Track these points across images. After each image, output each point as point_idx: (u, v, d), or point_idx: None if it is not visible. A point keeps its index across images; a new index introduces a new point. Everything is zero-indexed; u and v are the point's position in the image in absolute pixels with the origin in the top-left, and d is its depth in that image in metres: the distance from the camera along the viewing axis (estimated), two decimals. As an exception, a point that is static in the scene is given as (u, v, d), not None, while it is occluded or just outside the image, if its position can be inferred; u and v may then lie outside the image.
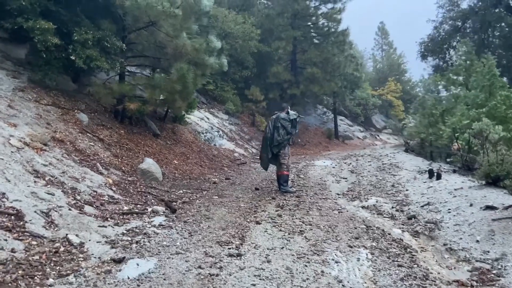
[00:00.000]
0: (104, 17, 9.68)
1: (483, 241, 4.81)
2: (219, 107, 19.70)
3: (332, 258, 4.36)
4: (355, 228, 5.63)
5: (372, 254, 4.56)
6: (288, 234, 5.22)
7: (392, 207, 6.93)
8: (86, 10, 9.58)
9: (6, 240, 3.89)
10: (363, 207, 7.05)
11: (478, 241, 4.84)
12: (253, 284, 3.64)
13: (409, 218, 6.21)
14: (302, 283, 3.72)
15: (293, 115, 8.27)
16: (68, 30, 8.92)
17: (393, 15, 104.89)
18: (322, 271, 4.00)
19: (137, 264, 3.97)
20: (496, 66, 11.17)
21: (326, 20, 23.39)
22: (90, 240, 4.53)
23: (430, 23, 22.79)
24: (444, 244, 5.04)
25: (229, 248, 4.58)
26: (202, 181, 9.35)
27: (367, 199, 7.61)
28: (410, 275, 4.00)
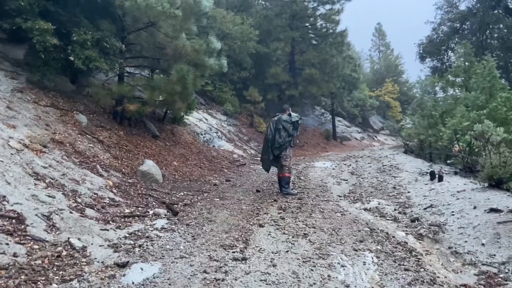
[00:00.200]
0: (103, 17, 9.62)
1: (489, 244, 4.77)
2: (218, 108, 19.65)
3: (338, 262, 4.32)
4: (359, 231, 5.59)
5: (378, 258, 4.52)
6: (292, 237, 5.17)
7: (395, 210, 6.89)
8: (85, 10, 9.52)
9: (7, 244, 3.82)
10: (365, 209, 7.02)
11: (483, 244, 4.81)
12: (259, 289, 3.60)
13: (412, 221, 6.17)
14: (309, 288, 3.68)
15: (295, 117, 8.23)
16: (67, 31, 8.84)
17: (390, 16, 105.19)
18: (328, 276, 3.95)
19: (141, 268, 3.91)
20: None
21: (324, 21, 23.40)
22: (92, 244, 4.46)
23: (427, 24, 22.84)
24: (449, 247, 5.00)
25: (233, 251, 4.53)
26: (203, 183, 9.29)
27: (369, 201, 7.57)
28: (417, 279, 3.96)
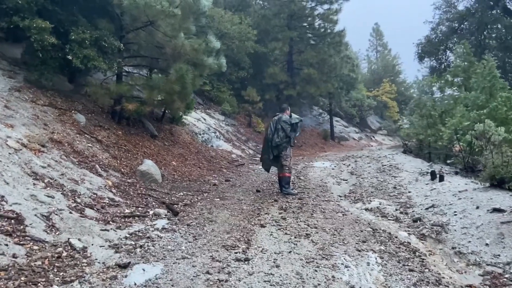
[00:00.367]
0: (102, 16, 9.54)
1: (493, 244, 4.74)
2: (216, 108, 19.58)
3: (342, 263, 4.27)
4: (361, 231, 5.54)
5: (382, 258, 4.47)
6: (294, 237, 5.13)
7: (396, 210, 6.85)
8: (83, 9, 9.44)
9: (7, 245, 3.76)
10: (366, 210, 6.98)
11: (487, 244, 4.77)
12: (264, 290, 3.55)
13: (414, 221, 6.13)
14: (314, 289, 3.63)
15: (295, 119, 8.18)
16: (65, 30, 8.77)
17: (387, 16, 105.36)
18: (333, 276, 3.91)
19: (143, 269, 3.85)
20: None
21: (322, 21, 23.34)
22: (93, 244, 4.40)
23: (425, 24, 22.82)
24: (453, 247, 4.97)
25: (235, 252, 4.48)
26: (202, 183, 9.23)
27: (370, 201, 7.53)
28: (422, 280, 3.92)
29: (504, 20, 18.51)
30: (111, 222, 5.30)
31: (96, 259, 4.06)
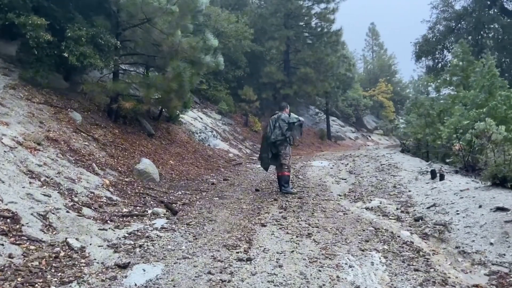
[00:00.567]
0: (98, 13, 9.42)
1: (498, 243, 4.66)
2: (212, 107, 19.49)
3: (345, 263, 4.18)
4: (363, 230, 5.47)
5: (386, 258, 4.39)
6: (296, 237, 5.04)
7: (397, 209, 6.77)
8: (79, 6, 9.33)
9: (2, 244, 3.65)
10: (367, 209, 6.90)
11: (492, 243, 4.70)
12: (268, 291, 3.46)
13: (416, 220, 6.06)
14: (319, 289, 3.55)
15: (293, 118, 8.08)
16: (60, 27, 8.66)
17: (383, 16, 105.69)
18: (337, 276, 3.82)
19: (143, 269, 3.75)
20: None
21: (319, 20, 23.34)
22: (91, 244, 4.30)
23: (422, 24, 22.77)
24: (456, 246, 4.89)
25: (237, 252, 4.38)
26: (200, 182, 9.13)
27: (370, 200, 7.45)
28: (428, 280, 3.84)
29: (501, 20, 18.53)
30: (109, 222, 5.19)
31: (95, 259, 3.96)
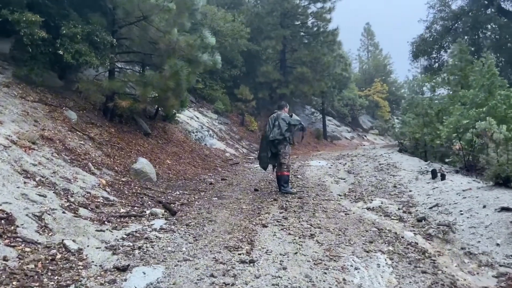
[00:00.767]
0: (93, 10, 9.26)
1: (504, 244, 4.57)
2: (208, 106, 19.34)
3: (351, 264, 4.08)
4: (366, 231, 5.36)
5: (392, 260, 4.29)
6: (299, 238, 4.92)
7: (399, 209, 6.67)
8: (74, 3, 9.18)
9: (-4, 247, 3.52)
10: (368, 209, 6.79)
11: (498, 244, 4.61)
12: (273, 294, 3.35)
13: (418, 220, 5.96)
14: (326, 292, 3.44)
15: (294, 120, 7.96)
16: (55, 24, 8.50)
17: (377, 16, 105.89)
18: (344, 279, 3.71)
19: (143, 272, 3.62)
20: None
21: (315, 20, 23.19)
22: (88, 246, 4.16)
23: (417, 23, 22.88)
24: (462, 247, 4.79)
25: (239, 253, 4.26)
26: (198, 181, 9.00)
27: (371, 200, 7.35)
28: (437, 282, 3.74)
29: (498, 20, 18.52)
30: (106, 222, 5.05)
31: (93, 262, 3.83)
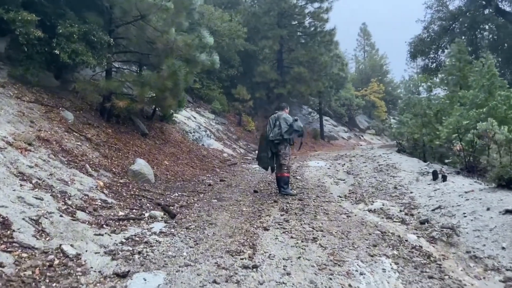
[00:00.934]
0: (90, 9, 9.13)
1: (510, 248, 4.50)
2: (205, 106, 19.23)
3: (356, 270, 3.99)
4: (369, 234, 5.29)
5: (397, 264, 4.21)
6: (301, 241, 4.83)
7: (400, 211, 6.60)
8: (70, 2, 9.05)
9: (-8, 253, 3.40)
10: (370, 211, 6.72)
11: (504, 248, 4.55)
12: (278, 301, 3.26)
13: (421, 223, 5.89)
14: (332, 299, 3.35)
15: (297, 126, 7.87)
16: (51, 23, 8.37)
17: (373, 16, 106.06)
18: (349, 285, 3.63)
19: (144, 279, 3.52)
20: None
21: (312, 19, 23.14)
22: (87, 250, 4.05)
23: (415, 24, 22.91)
24: (467, 251, 4.72)
25: (241, 258, 4.16)
26: (196, 183, 8.89)
27: (372, 202, 7.28)
28: None
29: (496, 20, 18.52)
30: (105, 226, 4.94)
31: (92, 268, 3.72)
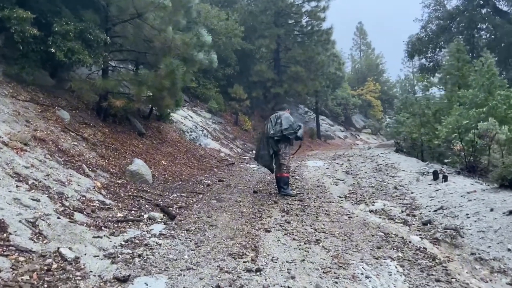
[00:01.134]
0: (86, 7, 8.98)
1: (516, 249, 4.45)
2: (202, 106, 19.11)
3: (361, 273, 3.91)
4: (372, 235, 5.21)
5: (402, 267, 4.14)
6: (304, 243, 4.75)
7: (402, 212, 6.54)
8: (66, -1, 8.91)
9: (-11, 257, 3.29)
10: (371, 211, 6.66)
11: (509, 249, 4.48)
12: (284, 306, 3.17)
13: (424, 224, 5.83)
14: (339, 304, 3.27)
15: (299, 132, 7.81)
16: (47, 21, 8.24)
17: (369, 16, 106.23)
18: (356, 288, 3.55)
19: (145, 283, 3.43)
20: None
21: (309, 18, 23.06)
22: (85, 254, 3.94)
23: (412, 23, 22.84)
24: (472, 253, 4.66)
25: (244, 261, 4.08)
26: (195, 183, 8.78)
27: (373, 202, 7.21)
28: (452, 291, 3.60)
29: (494, 19, 18.52)
30: (103, 228, 4.83)
31: (91, 271, 3.61)
